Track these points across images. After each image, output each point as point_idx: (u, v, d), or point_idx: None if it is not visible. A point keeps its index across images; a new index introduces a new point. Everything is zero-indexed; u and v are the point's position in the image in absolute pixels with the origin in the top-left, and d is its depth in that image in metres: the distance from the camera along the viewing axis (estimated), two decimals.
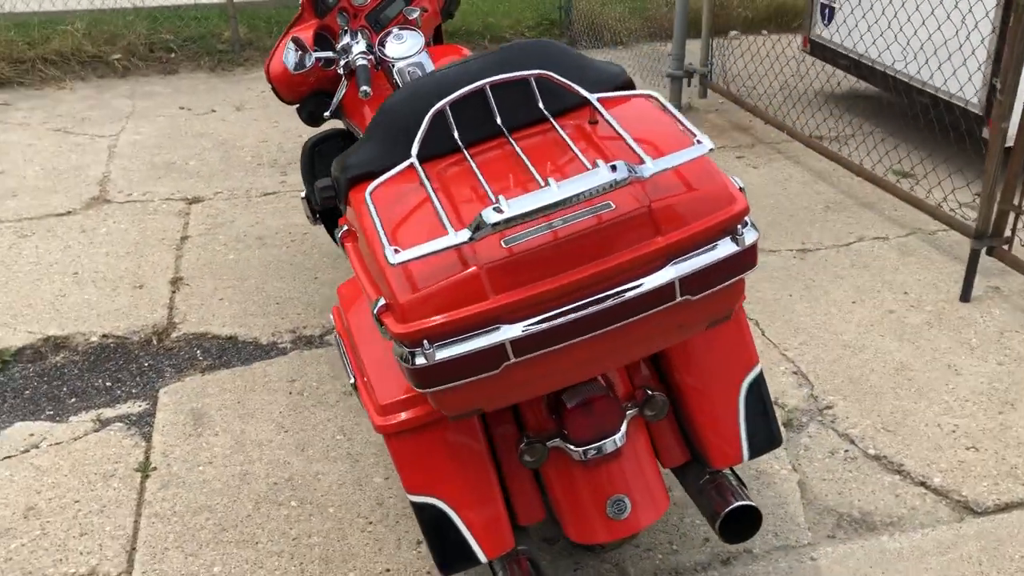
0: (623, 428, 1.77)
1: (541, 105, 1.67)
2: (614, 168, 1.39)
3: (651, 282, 1.46)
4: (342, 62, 2.59)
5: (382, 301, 1.49)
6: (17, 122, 4.99)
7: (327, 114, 2.69)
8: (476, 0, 6.76)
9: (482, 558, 1.78)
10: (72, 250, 3.63)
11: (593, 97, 1.61)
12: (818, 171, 4.33)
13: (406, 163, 1.58)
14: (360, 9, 2.75)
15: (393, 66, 2.49)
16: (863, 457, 2.54)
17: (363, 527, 2.31)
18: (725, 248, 1.49)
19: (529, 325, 1.43)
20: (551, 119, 1.65)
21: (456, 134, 1.65)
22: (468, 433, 1.78)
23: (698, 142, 1.47)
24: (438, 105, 1.61)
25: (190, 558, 2.23)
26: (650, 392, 1.82)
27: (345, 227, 1.85)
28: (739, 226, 1.49)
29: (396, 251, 1.41)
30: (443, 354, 1.43)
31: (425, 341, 1.42)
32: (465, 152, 1.63)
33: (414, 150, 1.59)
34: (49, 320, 3.18)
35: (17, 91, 5.49)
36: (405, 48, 2.54)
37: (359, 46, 2.56)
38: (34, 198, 4.09)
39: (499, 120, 1.66)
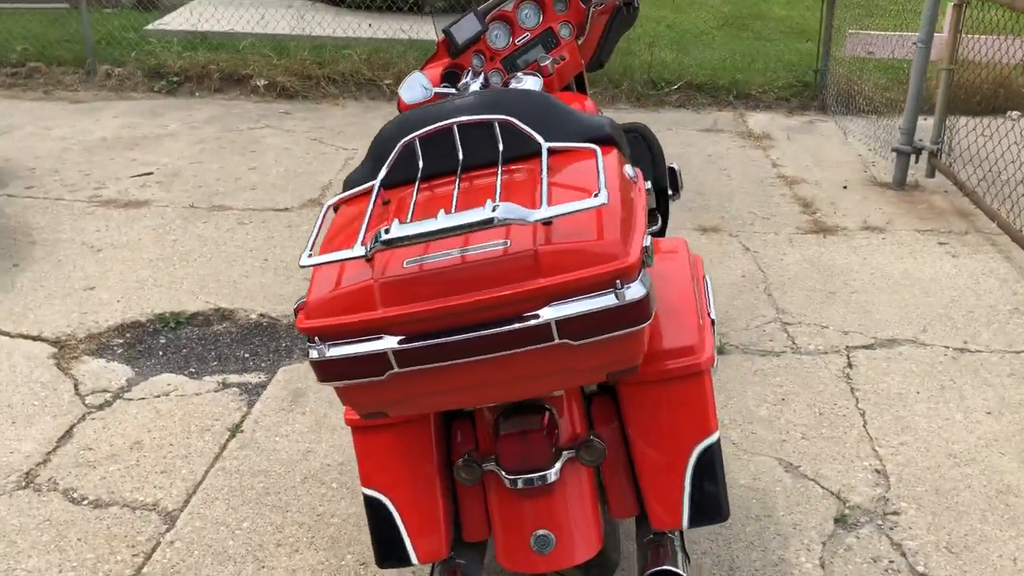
0: (557, 465, 1.82)
1: (500, 148, 1.79)
2: (495, 208, 1.49)
3: (523, 319, 1.53)
4: None
5: (303, 299, 1.69)
6: (286, 128, 5.75)
7: None
8: (731, 56, 6.75)
9: (414, 560, 1.91)
10: (272, 240, 4.17)
11: (545, 145, 1.71)
12: None
13: (367, 184, 1.78)
14: (497, 53, 2.98)
15: None
16: (907, 572, 2.32)
17: None
18: (605, 300, 1.52)
19: (406, 339, 1.56)
20: (499, 162, 1.77)
21: (420, 165, 1.81)
22: (424, 441, 1.91)
23: (595, 195, 1.52)
24: (406, 139, 1.79)
25: (230, 511, 2.54)
26: (592, 437, 1.86)
27: None
28: (619, 281, 1.51)
29: (309, 256, 1.60)
30: (333, 352, 1.59)
31: (317, 338, 1.60)
32: (416, 183, 1.79)
33: (380, 175, 1.77)
34: (226, 294, 3.69)
35: (300, 103, 6.31)
36: None
37: (475, 85, 2.78)
38: (266, 194, 4.72)
39: (460, 157, 1.80)
